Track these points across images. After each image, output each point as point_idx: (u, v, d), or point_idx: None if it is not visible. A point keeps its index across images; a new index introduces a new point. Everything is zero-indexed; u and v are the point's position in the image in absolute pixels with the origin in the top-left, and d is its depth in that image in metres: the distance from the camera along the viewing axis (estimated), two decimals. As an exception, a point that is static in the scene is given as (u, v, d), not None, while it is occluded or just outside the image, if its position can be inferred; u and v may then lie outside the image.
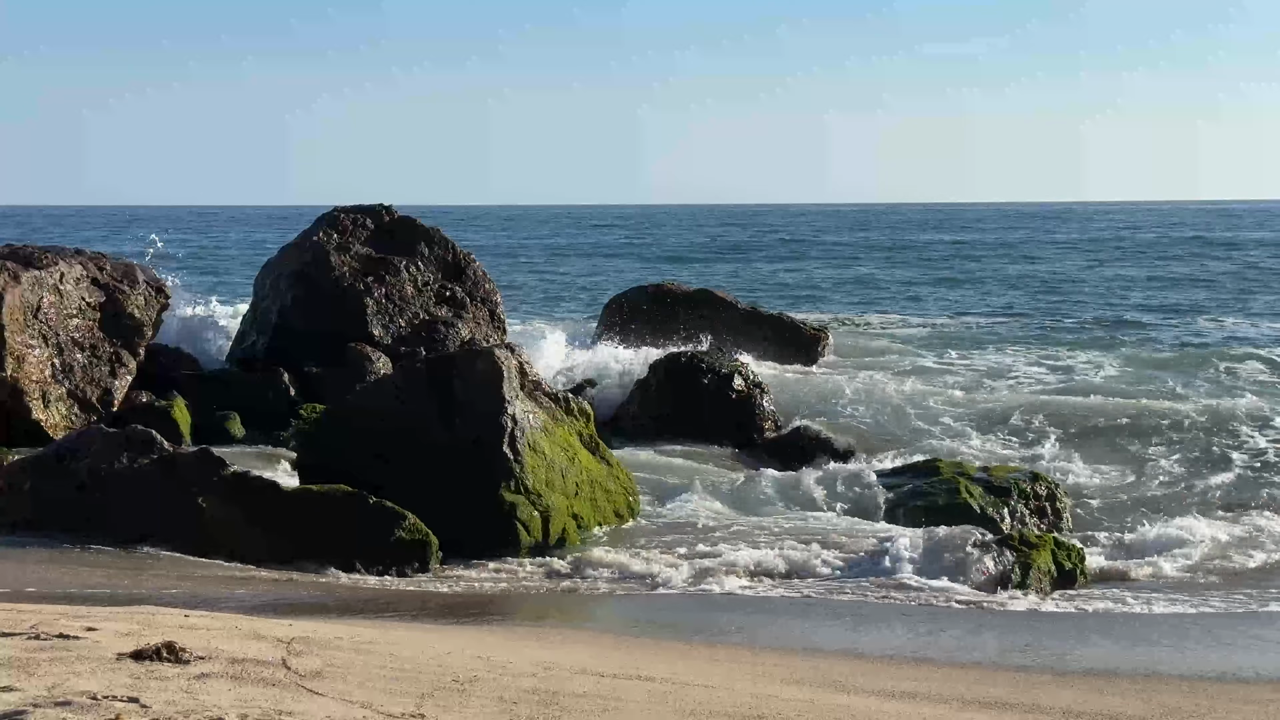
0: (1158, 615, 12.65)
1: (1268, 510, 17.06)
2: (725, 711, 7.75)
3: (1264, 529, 16.02)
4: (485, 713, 7.15)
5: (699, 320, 28.18)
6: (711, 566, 13.83)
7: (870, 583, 13.37)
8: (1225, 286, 49.67)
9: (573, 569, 14.07)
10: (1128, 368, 28.02)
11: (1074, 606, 12.91)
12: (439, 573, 13.75)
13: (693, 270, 59.01)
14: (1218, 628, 12.11)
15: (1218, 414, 21.80)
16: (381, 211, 24.67)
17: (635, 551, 14.51)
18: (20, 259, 20.17)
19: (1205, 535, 15.50)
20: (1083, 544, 14.76)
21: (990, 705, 8.76)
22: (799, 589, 13.26)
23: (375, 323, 23.03)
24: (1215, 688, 9.86)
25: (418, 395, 15.34)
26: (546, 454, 15.28)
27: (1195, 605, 12.98)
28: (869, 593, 13.15)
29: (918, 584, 13.27)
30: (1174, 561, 14.66)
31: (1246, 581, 14.10)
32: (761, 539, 14.95)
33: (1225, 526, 16.10)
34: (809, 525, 15.86)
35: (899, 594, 13.09)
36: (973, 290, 49.68)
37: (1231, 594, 13.54)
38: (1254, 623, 12.47)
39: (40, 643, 7.83)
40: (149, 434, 14.96)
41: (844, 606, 12.67)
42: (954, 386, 25.12)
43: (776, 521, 15.99)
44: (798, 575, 13.71)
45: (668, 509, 16.65)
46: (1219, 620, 12.46)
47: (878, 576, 13.53)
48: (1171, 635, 11.79)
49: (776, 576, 13.67)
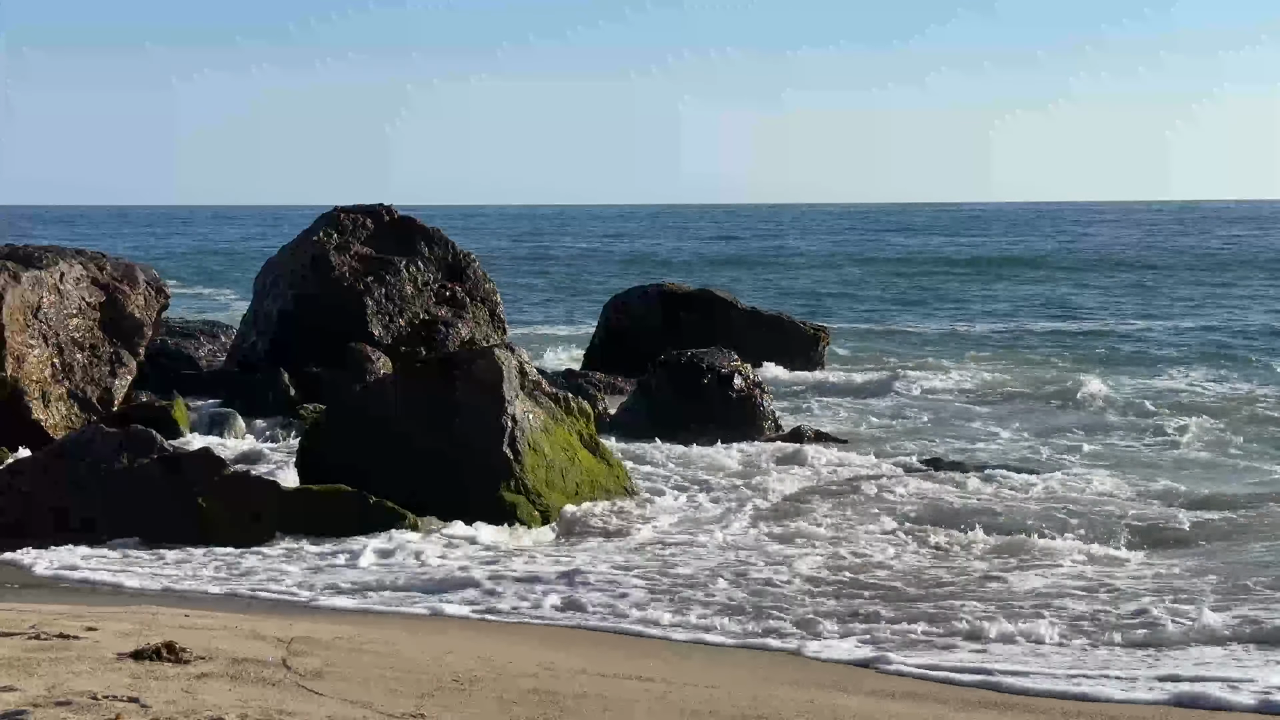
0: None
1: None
2: (725, 711, 7.75)
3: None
4: (485, 713, 7.15)
5: (699, 320, 28.18)
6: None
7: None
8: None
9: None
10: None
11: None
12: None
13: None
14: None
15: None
16: (381, 211, 24.68)
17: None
18: (20, 259, 20.17)
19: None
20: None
21: (990, 705, 8.75)
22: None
23: (375, 323, 23.03)
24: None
25: (418, 395, 15.33)
26: (546, 454, 15.28)
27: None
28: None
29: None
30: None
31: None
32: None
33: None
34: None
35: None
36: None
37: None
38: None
39: (40, 643, 7.84)
40: (149, 434, 14.95)
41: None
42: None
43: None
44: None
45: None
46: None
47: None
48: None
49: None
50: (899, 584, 12.11)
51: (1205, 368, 28.20)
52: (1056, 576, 12.36)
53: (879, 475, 17.22)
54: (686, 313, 28.60)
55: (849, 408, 23.78)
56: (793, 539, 13.94)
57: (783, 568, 12.68)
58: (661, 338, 27.06)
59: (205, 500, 14.08)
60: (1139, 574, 12.52)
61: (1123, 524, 14.50)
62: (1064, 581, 12.19)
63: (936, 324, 39.30)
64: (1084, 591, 11.84)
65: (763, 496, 16.03)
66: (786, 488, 16.52)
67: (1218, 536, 14.09)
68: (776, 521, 14.77)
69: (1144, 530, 14.33)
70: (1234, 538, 14.03)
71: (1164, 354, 31.07)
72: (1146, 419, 21.86)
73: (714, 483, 16.95)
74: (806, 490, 16.49)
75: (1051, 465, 18.19)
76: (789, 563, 12.86)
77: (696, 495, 16.28)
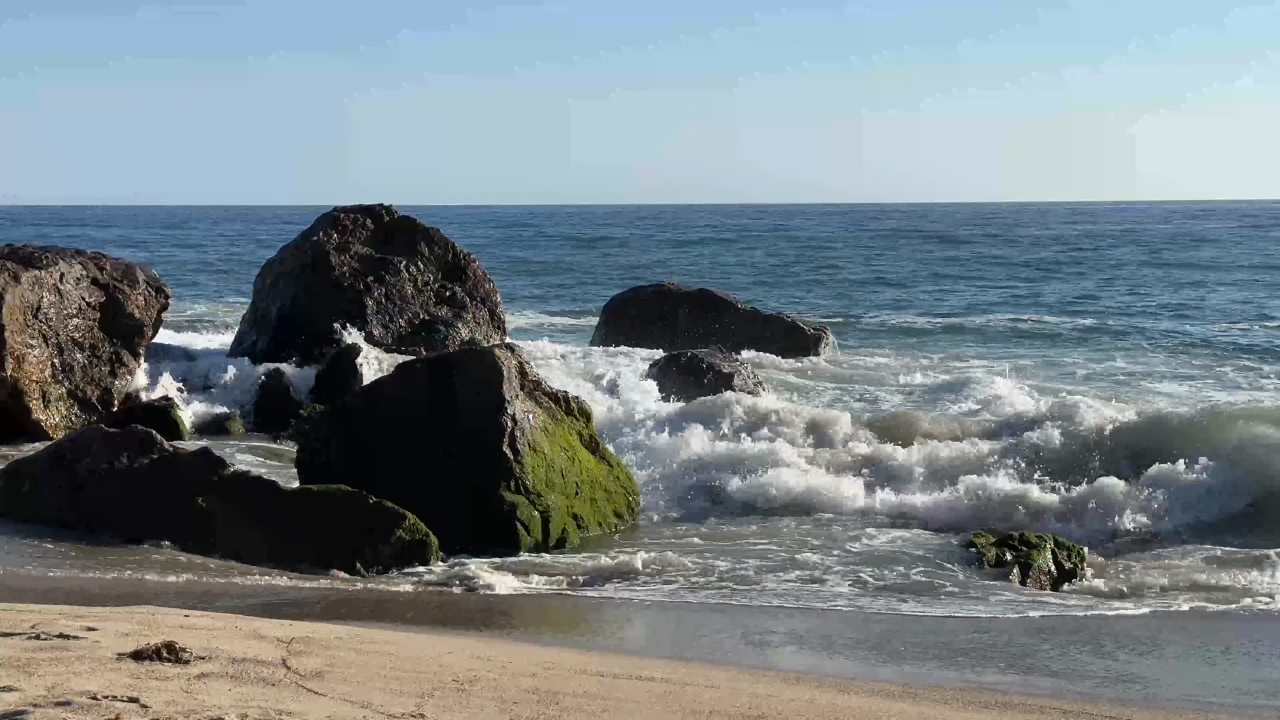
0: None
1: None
2: (725, 711, 7.75)
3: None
4: (485, 713, 7.14)
5: (699, 320, 28.21)
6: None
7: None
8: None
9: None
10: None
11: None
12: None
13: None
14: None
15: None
16: (381, 211, 24.70)
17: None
18: (20, 259, 20.18)
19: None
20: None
21: (990, 705, 8.75)
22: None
23: (375, 322, 23.05)
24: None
25: (417, 395, 15.34)
26: (546, 454, 15.27)
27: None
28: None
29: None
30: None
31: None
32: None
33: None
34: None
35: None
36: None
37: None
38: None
39: (40, 643, 7.83)
40: (149, 434, 14.95)
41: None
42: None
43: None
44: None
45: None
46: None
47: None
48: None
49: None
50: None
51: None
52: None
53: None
54: (686, 311, 28.64)
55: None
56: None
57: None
58: (660, 336, 27.10)
59: (205, 500, 14.08)
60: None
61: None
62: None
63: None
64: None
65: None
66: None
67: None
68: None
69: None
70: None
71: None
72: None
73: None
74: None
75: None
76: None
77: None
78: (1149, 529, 15.50)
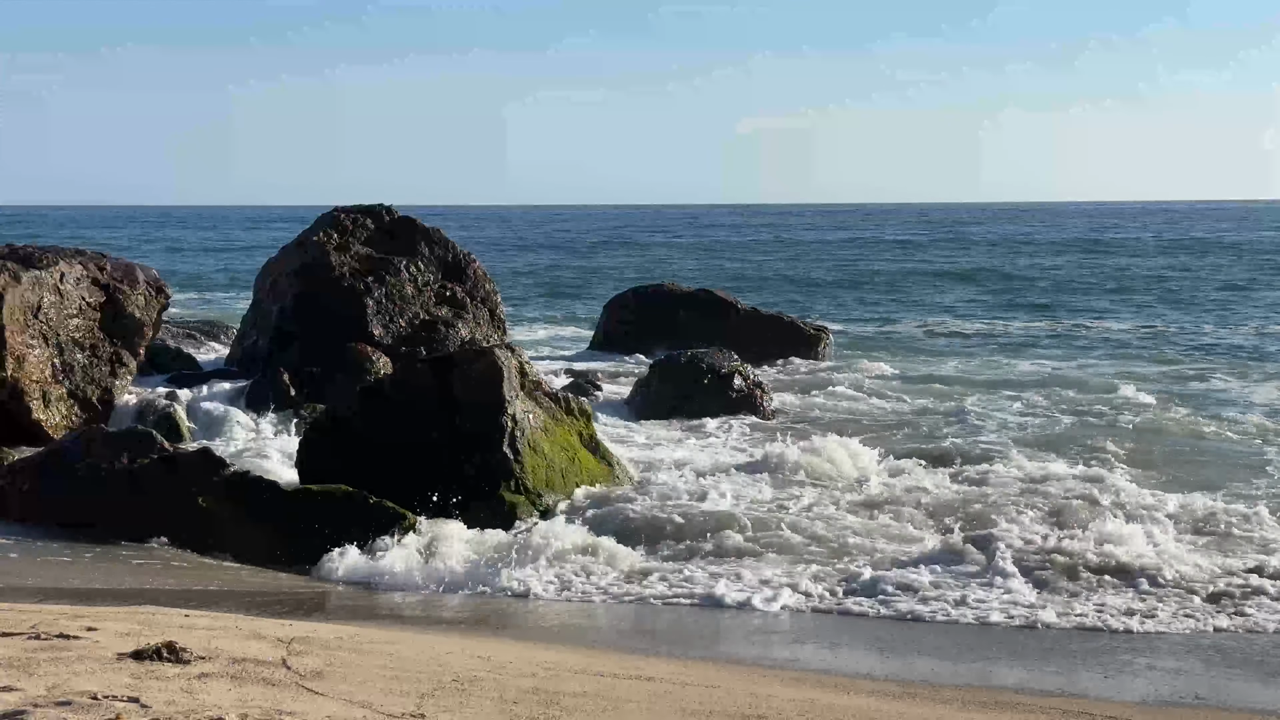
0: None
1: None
2: (725, 711, 7.75)
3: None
4: (485, 713, 7.14)
5: (698, 320, 28.19)
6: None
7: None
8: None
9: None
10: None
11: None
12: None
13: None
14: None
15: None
16: (382, 212, 24.69)
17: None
18: (20, 259, 20.16)
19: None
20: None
21: (990, 705, 8.75)
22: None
23: (375, 323, 23.04)
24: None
25: (418, 395, 15.33)
26: (546, 454, 15.27)
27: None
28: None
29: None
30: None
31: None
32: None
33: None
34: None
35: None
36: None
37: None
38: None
39: (40, 643, 7.83)
40: (149, 434, 14.95)
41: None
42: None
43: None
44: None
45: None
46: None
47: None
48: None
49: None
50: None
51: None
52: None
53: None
54: (686, 312, 28.63)
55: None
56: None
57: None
58: (661, 337, 27.10)
59: (205, 500, 14.08)
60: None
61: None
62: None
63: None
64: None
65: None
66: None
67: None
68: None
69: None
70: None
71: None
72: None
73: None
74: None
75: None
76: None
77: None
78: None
